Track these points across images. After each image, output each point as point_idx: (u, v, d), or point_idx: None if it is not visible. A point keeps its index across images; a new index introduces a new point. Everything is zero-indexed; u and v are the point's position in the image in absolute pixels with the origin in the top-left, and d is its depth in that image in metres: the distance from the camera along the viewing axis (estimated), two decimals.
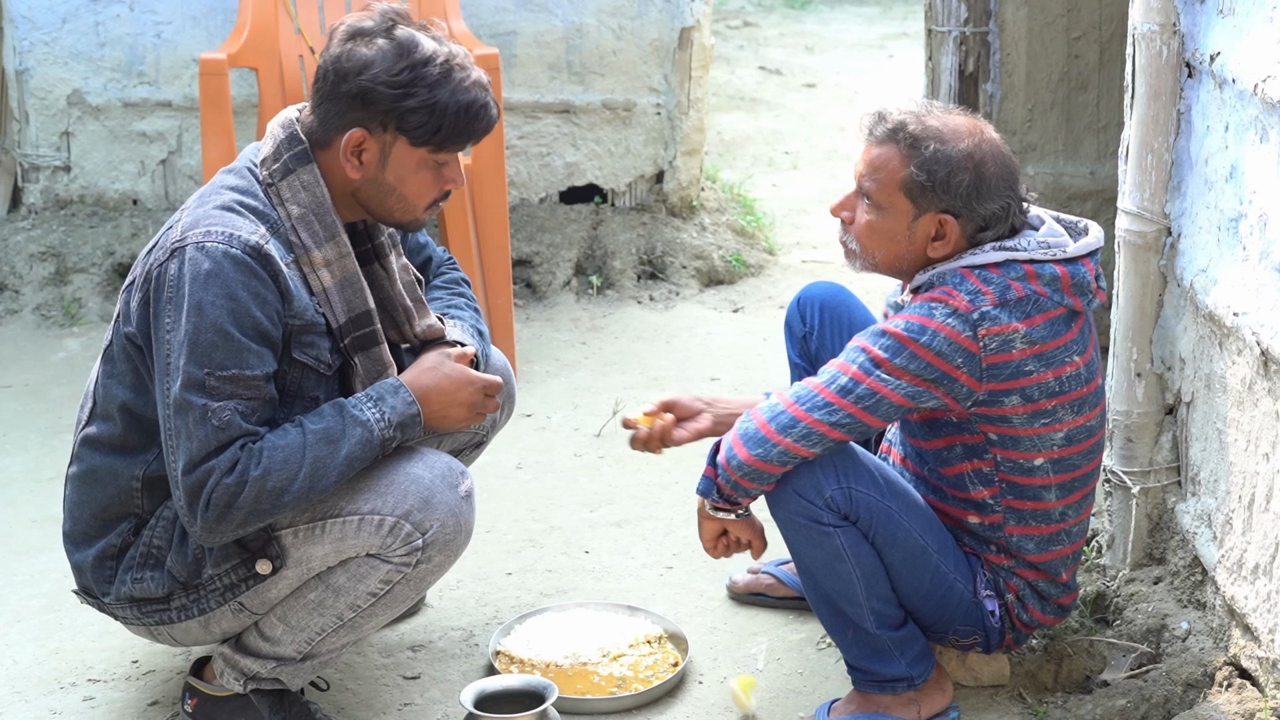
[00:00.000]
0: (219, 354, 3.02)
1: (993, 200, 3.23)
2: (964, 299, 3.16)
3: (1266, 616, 3.21)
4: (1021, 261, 3.21)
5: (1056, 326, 3.21)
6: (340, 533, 3.16)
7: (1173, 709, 3.35)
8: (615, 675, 3.62)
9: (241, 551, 3.16)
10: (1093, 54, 5.24)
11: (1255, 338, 3.19)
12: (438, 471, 3.20)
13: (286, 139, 3.19)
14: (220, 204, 3.13)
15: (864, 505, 3.23)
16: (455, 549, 3.22)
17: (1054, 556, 3.38)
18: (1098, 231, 3.33)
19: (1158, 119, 3.63)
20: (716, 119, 8.64)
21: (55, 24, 6.10)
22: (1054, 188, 5.30)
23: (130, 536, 3.21)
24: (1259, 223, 3.21)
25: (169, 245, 3.09)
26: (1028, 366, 3.18)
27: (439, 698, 3.58)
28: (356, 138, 3.14)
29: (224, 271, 3.03)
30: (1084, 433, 3.30)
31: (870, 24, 11.80)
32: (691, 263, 6.32)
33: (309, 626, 3.23)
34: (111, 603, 3.26)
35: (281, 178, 3.17)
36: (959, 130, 3.25)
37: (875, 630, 3.32)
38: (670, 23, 6.29)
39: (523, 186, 6.37)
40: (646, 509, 4.48)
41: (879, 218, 3.28)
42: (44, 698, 3.57)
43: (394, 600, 3.23)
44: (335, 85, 3.13)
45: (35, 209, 6.21)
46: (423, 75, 3.11)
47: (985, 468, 3.31)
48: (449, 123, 3.14)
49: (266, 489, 3.02)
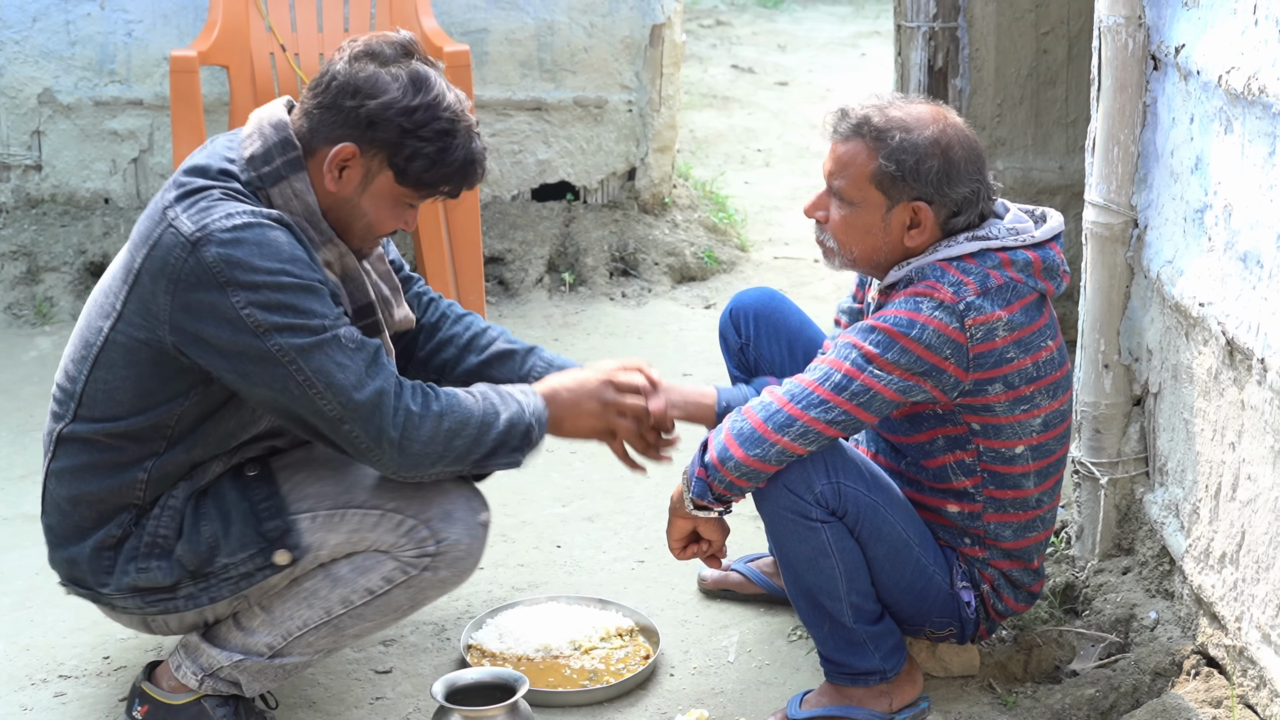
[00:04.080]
0: (314, 304, 3.00)
1: (963, 184, 3.24)
2: (948, 291, 3.18)
3: (1233, 605, 3.23)
4: (995, 250, 3.24)
5: (1031, 312, 3.24)
6: (359, 524, 3.17)
7: (1141, 698, 3.36)
8: (587, 668, 3.63)
9: (259, 540, 3.14)
10: (1061, 49, 5.26)
11: (1221, 328, 3.21)
12: (463, 493, 3.24)
13: (280, 142, 3.12)
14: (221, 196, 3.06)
15: (852, 500, 3.24)
16: (462, 571, 3.24)
17: (1029, 543, 3.40)
18: (1058, 217, 3.36)
19: (1124, 111, 3.65)
20: (689, 117, 8.66)
21: (26, 22, 6.08)
22: (1023, 182, 5.32)
23: (131, 527, 3.18)
24: (1224, 213, 3.23)
25: (188, 238, 3.00)
26: (1009, 354, 3.21)
27: (410, 691, 3.58)
28: (346, 152, 3.09)
29: (272, 238, 3.00)
30: (1058, 417, 3.33)
31: (843, 22, 11.83)
32: (664, 259, 6.33)
33: (293, 618, 3.21)
34: (111, 593, 3.22)
35: (273, 183, 3.10)
36: (923, 118, 3.26)
37: (852, 624, 3.33)
38: (641, 20, 6.30)
39: (495, 184, 6.37)
40: (618, 504, 4.49)
41: (853, 213, 3.29)
42: (15, 694, 3.56)
43: (387, 605, 3.21)
44: (340, 97, 3.09)
45: (6, 208, 6.20)
46: (433, 120, 3.08)
47: (968, 458, 3.33)
48: (447, 174, 3.13)
49: (445, 427, 3.09)
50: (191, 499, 3.18)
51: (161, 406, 3.12)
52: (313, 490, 3.19)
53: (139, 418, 3.13)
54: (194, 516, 3.16)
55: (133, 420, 3.13)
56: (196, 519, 3.16)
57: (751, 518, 4.31)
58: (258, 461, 3.23)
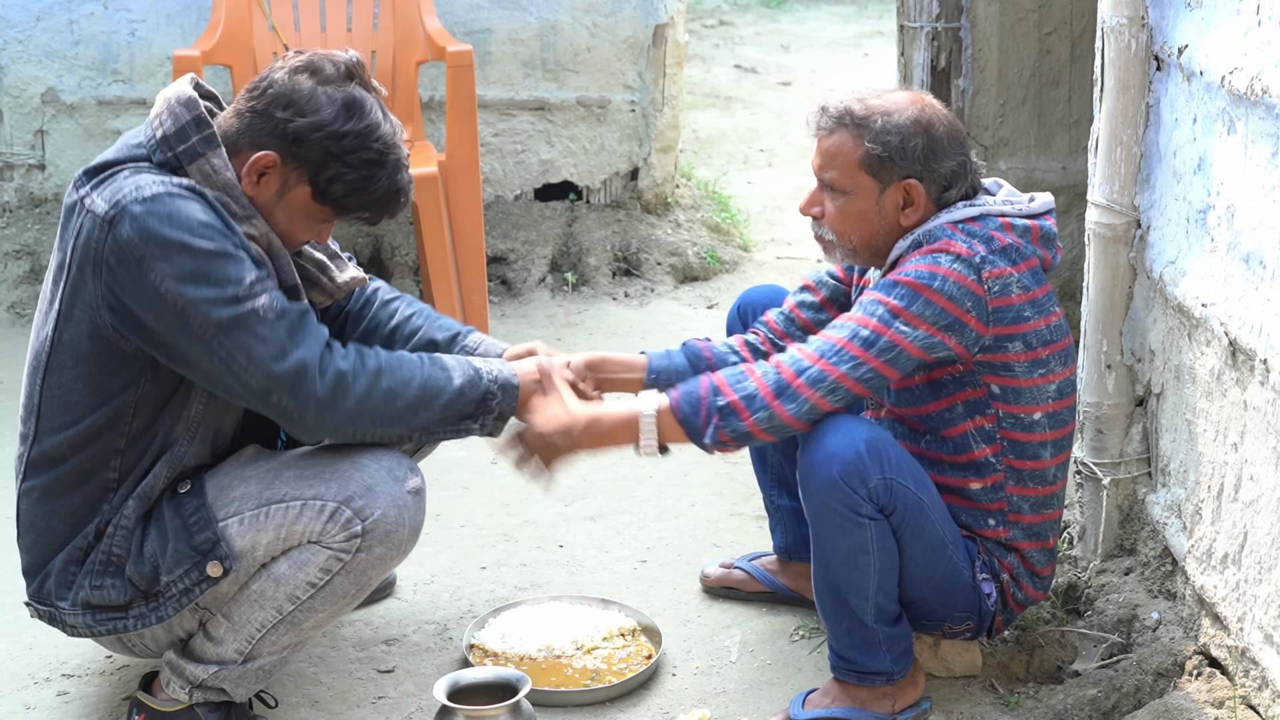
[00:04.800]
0: (230, 270, 3.00)
1: (948, 158, 3.33)
2: (962, 245, 3.25)
3: (1235, 605, 3.23)
4: (994, 214, 3.32)
5: (1038, 276, 3.32)
6: (283, 518, 3.14)
7: (1143, 698, 3.37)
8: (589, 668, 3.63)
9: (193, 554, 3.13)
10: (1064, 49, 5.26)
11: (1223, 328, 3.21)
12: (384, 464, 3.18)
13: (194, 120, 3.11)
14: (130, 173, 3.07)
15: (901, 496, 3.24)
16: (397, 543, 3.18)
17: (1046, 519, 3.43)
18: (1048, 194, 3.44)
19: (1127, 112, 3.65)
20: (692, 117, 8.66)
21: (29, 22, 6.09)
22: (1026, 183, 5.32)
23: (93, 540, 3.18)
24: (1226, 214, 3.23)
25: (104, 218, 3.01)
26: (1026, 312, 3.27)
27: (413, 691, 3.58)
28: (267, 160, 3.10)
29: (181, 208, 3.00)
30: (1070, 386, 3.39)
31: (846, 22, 11.84)
32: (666, 259, 6.34)
33: (250, 622, 3.19)
34: (66, 609, 3.21)
35: (190, 161, 3.10)
36: (901, 102, 3.35)
37: (873, 624, 3.33)
38: (644, 20, 6.31)
39: (498, 184, 6.38)
40: (620, 503, 4.50)
41: (847, 201, 3.35)
42: (17, 693, 3.57)
43: (333, 594, 3.18)
44: (273, 106, 3.10)
45: (10, 207, 6.21)
46: (361, 149, 3.10)
47: (988, 424, 3.35)
48: (367, 202, 3.16)
49: (381, 388, 3.11)
50: (143, 519, 3.18)
51: (115, 399, 3.12)
52: (238, 493, 3.17)
53: (95, 415, 3.12)
54: (141, 537, 3.16)
55: (90, 420, 3.12)
56: (142, 538, 3.16)
57: (755, 517, 4.32)
58: (190, 478, 3.21)
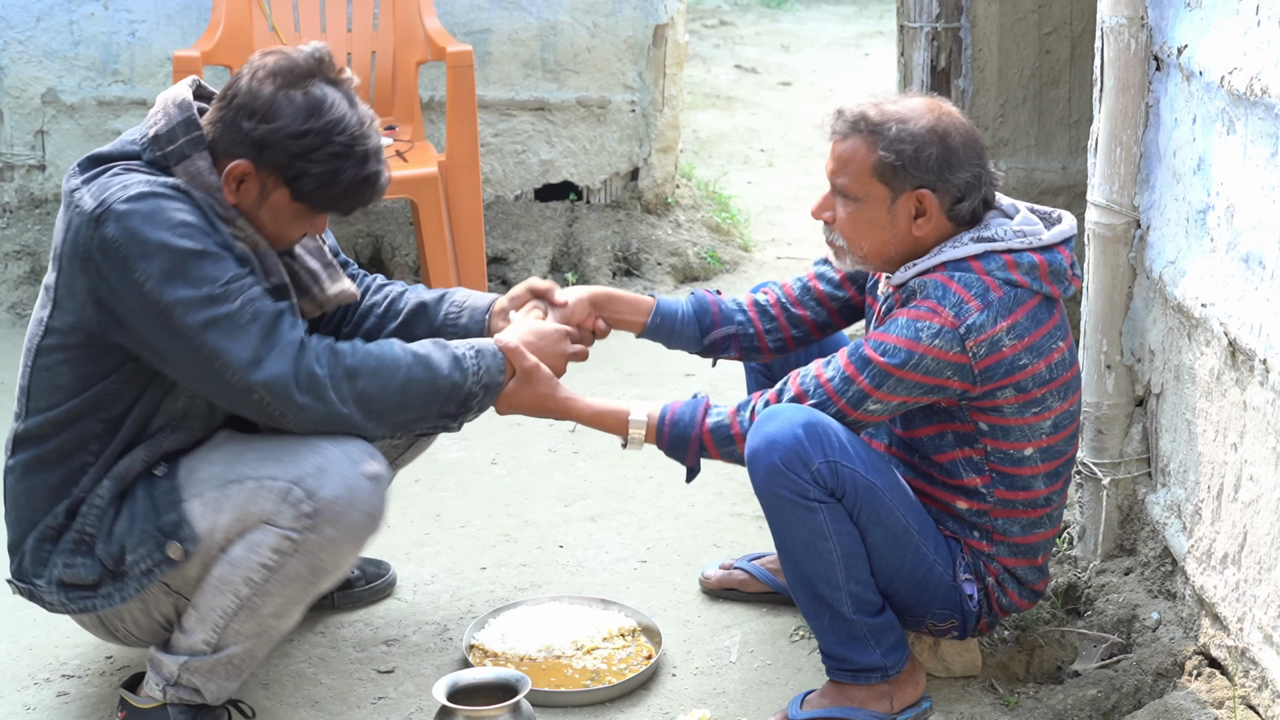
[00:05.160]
0: (207, 269, 3.05)
1: (963, 169, 3.27)
2: (949, 314, 3.19)
3: (1235, 606, 3.23)
4: (1000, 251, 3.25)
5: (1039, 315, 3.25)
6: (240, 498, 3.16)
7: (1143, 698, 3.37)
8: (589, 668, 3.63)
9: (156, 534, 3.16)
10: (1064, 49, 5.26)
11: (1223, 328, 3.21)
12: (343, 447, 3.19)
13: (184, 122, 3.16)
14: (120, 171, 3.12)
15: (849, 480, 3.24)
16: (349, 525, 3.16)
17: (1037, 539, 3.42)
18: (1071, 220, 3.37)
19: (1126, 112, 3.65)
20: (692, 117, 8.66)
21: (29, 22, 6.09)
22: (1026, 183, 5.32)
23: (64, 519, 3.21)
24: (1226, 214, 3.23)
25: (91, 215, 3.06)
26: (1021, 360, 3.22)
27: (413, 691, 3.58)
28: (240, 169, 3.13)
29: (163, 208, 3.04)
30: (1068, 418, 3.34)
31: (846, 22, 11.83)
32: (666, 259, 6.33)
33: (214, 609, 3.20)
34: (42, 586, 3.25)
35: (177, 161, 3.15)
36: (918, 109, 3.29)
37: (852, 615, 3.33)
38: (644, 20, 6.31)
39: (498, 184, 6.38)
40: (620, 503, 4.50)
41: (858, 208, 3.31)
42: (17, 693, 3.57)
43: (286, 577, 3.17)
44: (238, 116, 3.13)
45: (10, 208, 6.21)
46: (324, 144, 3.12)
47: (976, 456, 3.34)
48: (340, 193, 3.17)
49: (358, 390, 3.15)
50: (118, 499, 3.20)
51: (98, 384, 3.17)
52: (203, 474, 3.20)
53: (77, 399, 3.17)
54: (113, 516, 3.19)
55: (72, 403, 3.18)
56: (114, 518, 3.19)
57: (755, 518, 4.32)
58: (167, 461, 3.24)
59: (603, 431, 3.50)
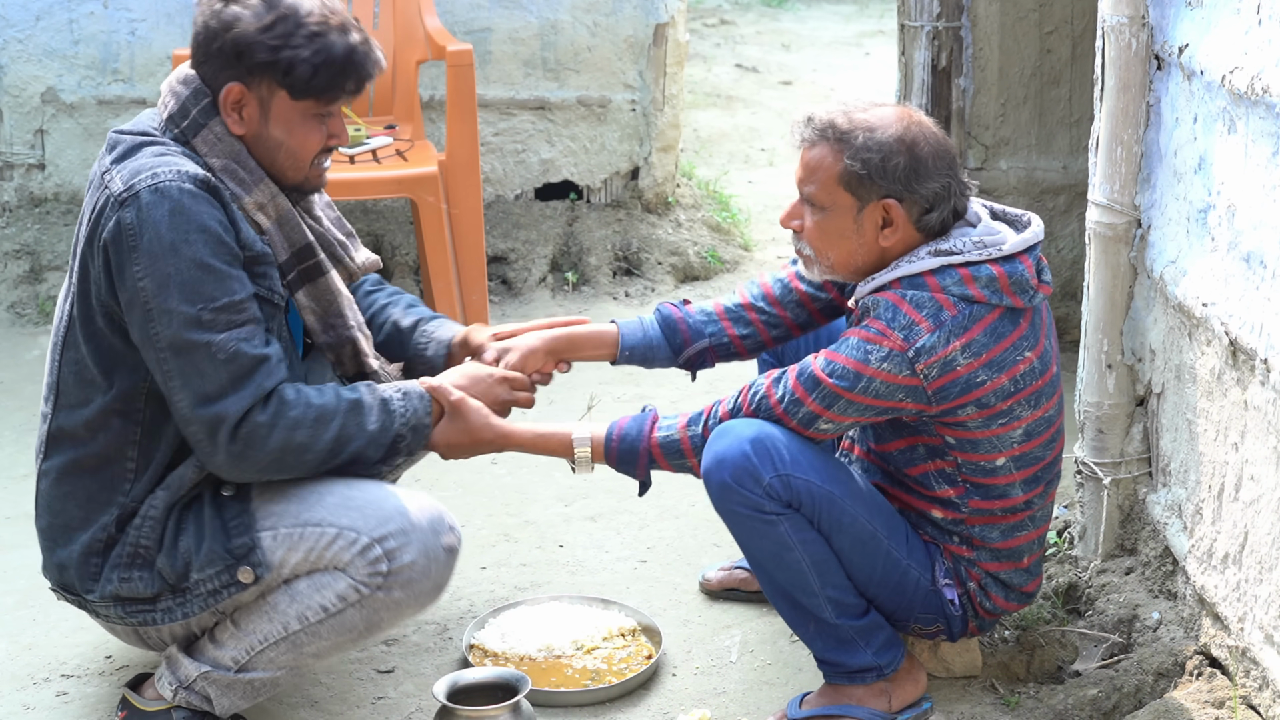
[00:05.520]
0: (208, 287, 3.02)
1: (932, 180, 3.22)
2: (898, 337, 3.15)
3: (1236, 605, 3.22)
4: (958, 265, 3.20)
5: (1000, 328, 3.20)
6: (316, 541, 3.15)
7: (1144, 698, 3.36)
8: (589, 668, 3.63)
9: (227, 556, 3.14)
10: (1065, 49, 5.26)
11: (1224, 328, 3.21)
12: (428, 515, 3.20)
13: (192, 94, 3.16)
14: (153, 154, 3.11)
15: (804, 490, 3.23)
16: (418, 593, 3.19)
17: (1019, 542, 3.39)
18: (1038, 225, 3.31)
19: (1127, 111, 3.64)
20: (693, 116, 8.65)
21: (29, 21, 6.09)
22: (1027, 182, 5.32)
23: (115, 531, 3.18)
24: (1227, 213, 3.23)
25: (116, 197, 3.05)
26: (979, 377, 3.18)
27: (413, 691, 3.58)
28: (234, 93, 3.12)
29: (187, 207, 3.02)
30: (1043, 425, 3.30)
31: (847, 22, 11.83)
32: (667, 259, 6.33)
33: (255, 631, 3.20)
34: (95, 600, 3.23)
35: (195, 134, 3.15)
36: (887, 118, 3.25)
37: (836, 620, 3.32)
38: (645, 19, 6.30)
39: (498, 183, 6.38)
40: (620, 503, 4.49)
41: (825, 218, 3.27)
42: (17, 693, 3.57)
43: (342, 625, 3.18)
44: (207, 44, 3.13)
45: (10, 207, 6.20)
46: (297, 28, 3.10)
47: (948, 468, 3.32)
48: (329, 71, 3.13)
49: (295, 442, 3.10)
50: (172, 511, 3.18)
51: (125, 380, 3.14)
52: (278, 508, 3.18)
53: (107, 396, 3.15)
54: (175, 530, 3.17)
55: (103, 400, 3.15)
56: (177, 532, 3.17)
57: None
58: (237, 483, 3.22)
59: (547, 456, 3.45)
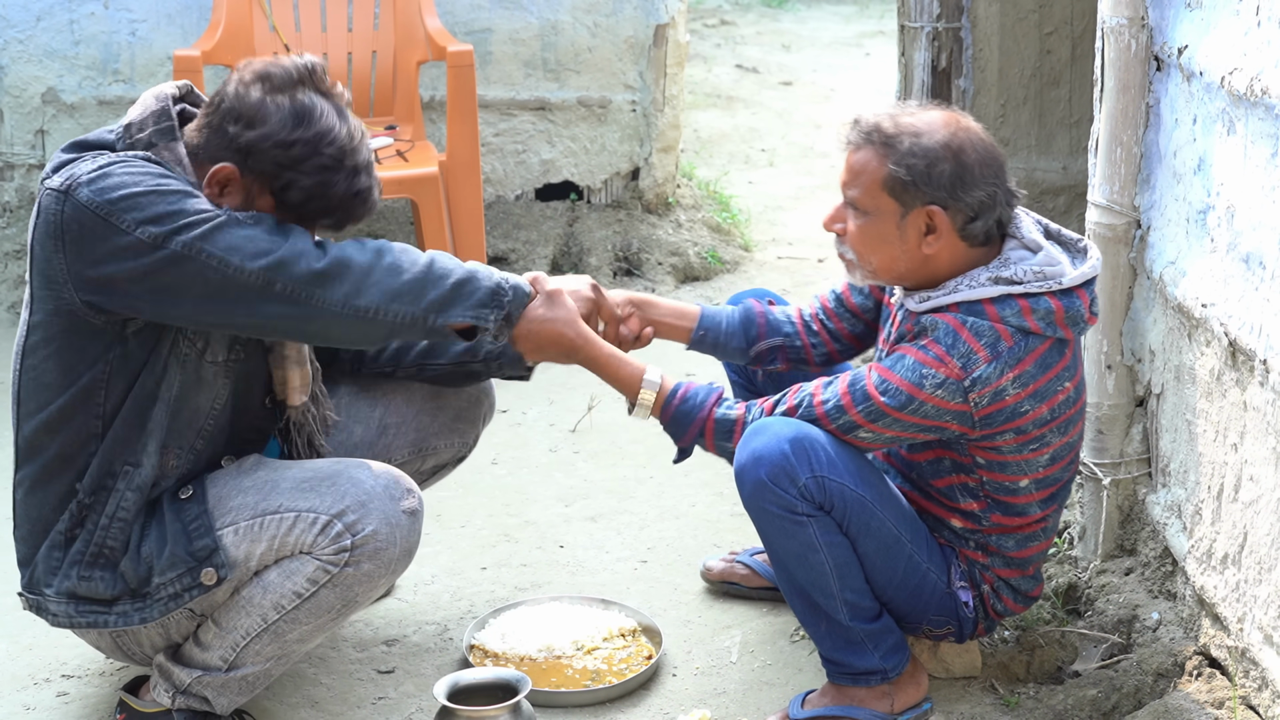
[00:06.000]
0: (190, 201, 2.99)
1: (978, 188, 3.19)
2: (956, 366, 3.14)
3: (1235, 606, 3.23)
4: (1017, 296, 3.18)
5: (1048, 360, 3.19)
6: (277, 529, 3.14)
7: (1143, 699, 3.37)
8: (589, 668, 3.63)
9: (188, 559, 3.14)
10: (1065, 49, 5.27)
11: (1223, 329, 3.21)
12: (382, 481, 3.18)
13: (157, 112, 3.12)
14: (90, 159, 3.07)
15: (838, 494, 3.23)
16: (386, 561, 3.17)
17: (1032, 552, 3.41)
18: (1096, 256, 3.27)
19: (1127, 112, 3.65)
20: (693, 116, 8.66)
21: (30, 22, 6.09)
22: (1027, 183, 5.32)
23: (75, 528, 3.17)
24: (1226, 214, 3.23)
25: (58, 190, 3.02)
26: (1024, 407, 3.19)
27: (413, 691, 3.58)
28: (225, 172, 3.07)
29: (131, 163, 3.02)
30: (1066, 450, 3.31)
31: (847, 22, 11.84)
32: (667, 259, 6.33)
33: (236, 628, 3.19)
34: (51, 596, 3.20)
35: (145, 149, 3.10)
36: (934, 123, 3.21)
37: (849, 622, 3.33)
38: (645, 20, 6.31)
39: (498, 184, 6.38)
40: (621, 503, 4.50)
41: (868, 222, 3.25)
42: (17, 693, 3.57)
43: (318, 607, 3.17)
44: (225, 120, 3.08)
45: (10, 207, 6.20)
46: (313, 155, 3.06)
47: (972, 483, 3.33)
48: (330, 207, 3.12)
49: (383, 263, 3.05)
50: (141, 515, 3.17)
51: (84, 376, 3.10)
52: (235, 503, 3.18)
53: (65, 395, 3.11)
54: (140, 535, 3.16)
55: (61, 401, 3.11)
56: (141, 538, 3.16)
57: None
58: (192, 483, 3.21)
59: (611, 385, 3.38)
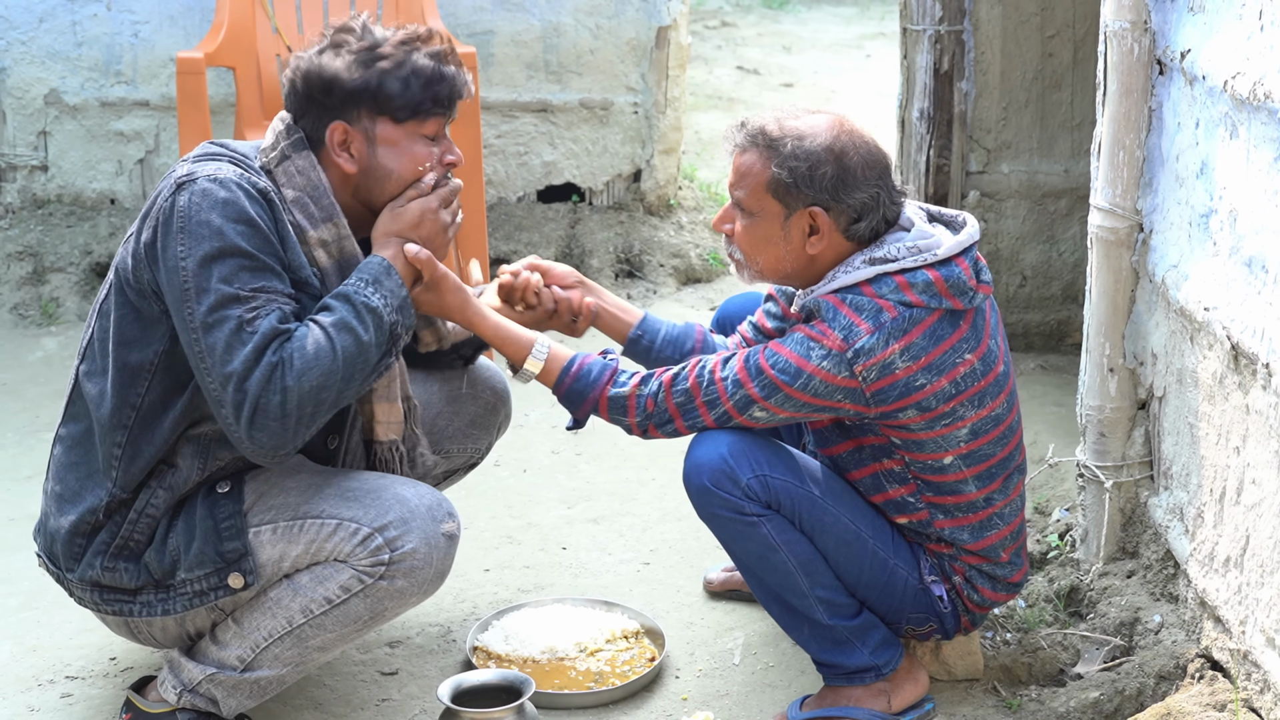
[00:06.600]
0: (246, 273, 3.03)
1: (860, 190, 3.22)
2: (838, 337, 3.16)
3: (1237, 608, 3.23)
4: (893, 274, 3.21)
5: (940, 331, 3.20)
6: (316, 534, 3.16)
7: (1145, 701, 3.37)
8: (592, 670, 3.63)
9: (217, 560, 3.15)
10: (1066, 52, 5.27)
11: (1225, 332, 3.22)
12: (426, 502, 3.20)
13: (285, 129, 3.23)
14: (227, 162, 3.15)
15: (783, 491, 3.25)
16: (420, 580, 3.19)
17: (990, 542, 3.39)
18: (973, 226, 3.32)
19: (1129, 116, 3.65)
20: (694, 118, 8.66)
21: (32, 23, 6.10)
22: (1028, 185, 5.33)
23: (102, 518, 3.18)
24: (1229, 218, 3.24)
25: (175, 181, 3.09)
26: (919, 381, 3.18)
27: (416, 693, 3.59)
28: (338, 132, 3.18)
29: (239, 200, 3.05)
30: (990, 423, 3.30)
31: (848, 24, 11.83)
32: (669, 261, 6.34)
33: (259, 629, 3.20)
34: (74, 581, 3.24)
35: (278, 164, 3.19)
36: (818, 126, 3.25)
37: (829, 621, 3.34)
38: (647, 22, 6.31)
39: (500, 185, 6.38)
40: (623, 505, 4.50)
41: (753, 223, 3.29)
42: (21, 695, 3.57)
43: (346, 615, 3.18)
44: (306, 91, 3.20)
45: (13, 208, 6.21)
46: (381, 52, 3.18)
47: (896, 467, 3.33)
48: (427, 81, 3.18)
49: (307, 389, 3.01)
50: (170, 510, 3.18)
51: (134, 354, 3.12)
52: (276, 501, 3.19)
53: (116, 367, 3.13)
54: (167, 526, 3.17)
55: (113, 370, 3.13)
56: (168, 529, 3.17)
57: None
58: (231, 478, 3.22)
59: (498, 350, 3.38)
